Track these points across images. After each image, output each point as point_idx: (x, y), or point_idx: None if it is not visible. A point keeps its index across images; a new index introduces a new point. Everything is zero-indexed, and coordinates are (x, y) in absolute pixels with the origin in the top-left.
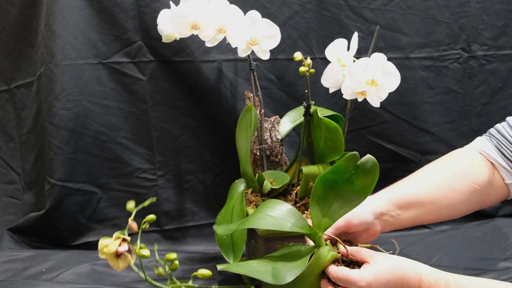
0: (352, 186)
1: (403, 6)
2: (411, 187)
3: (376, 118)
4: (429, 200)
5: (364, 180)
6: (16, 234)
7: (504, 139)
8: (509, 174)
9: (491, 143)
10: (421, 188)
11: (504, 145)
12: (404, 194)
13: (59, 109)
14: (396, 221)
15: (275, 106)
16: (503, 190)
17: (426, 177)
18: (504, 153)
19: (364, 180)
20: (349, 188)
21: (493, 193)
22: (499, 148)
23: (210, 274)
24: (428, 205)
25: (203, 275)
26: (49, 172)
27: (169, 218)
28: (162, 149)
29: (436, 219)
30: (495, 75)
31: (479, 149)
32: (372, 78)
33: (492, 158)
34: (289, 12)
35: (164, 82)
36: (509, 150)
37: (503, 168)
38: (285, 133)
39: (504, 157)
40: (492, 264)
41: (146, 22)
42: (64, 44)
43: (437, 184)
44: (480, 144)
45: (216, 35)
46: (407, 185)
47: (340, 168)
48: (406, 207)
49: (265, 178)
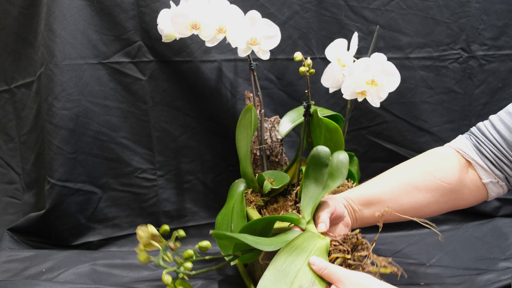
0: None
1: (403, 6)
2: (374, 186)
3: (376, 118)
4: (389, 198)
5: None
6: (16, 234)
7: (484, 137)
8: (486, 173)
9: (470, 142)
10: (383, 187)
11: (483, 143)
12: (365, 192)
13: (59, 109)
14: (360, 216)
15: (275, 106)
16: (480, 190)
17: (390, 176)
18: (482, 151)
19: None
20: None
21: (467, 192)
22: (477, 147)
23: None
24: (389, 202)
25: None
26: (49, 172)
27: (169, 218)
28: (162, 149)
29: (401, 218)
30: (495, 75)
31: (456, 147)
32: (372, 78)
33: (469, 156)
34: (289, 12)
35: (164, 82)
36: (488, 149)
37: (480, 167)
38: (285, 133)
39: (482, 155)
40: (492, 264)
41: (146, 22)
42: (64, 44)
43: (400, 182)
44: (458, 142)
45: (216, 35)
46: (371, 184)
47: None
48: (368, 205)
49: (265, 178)
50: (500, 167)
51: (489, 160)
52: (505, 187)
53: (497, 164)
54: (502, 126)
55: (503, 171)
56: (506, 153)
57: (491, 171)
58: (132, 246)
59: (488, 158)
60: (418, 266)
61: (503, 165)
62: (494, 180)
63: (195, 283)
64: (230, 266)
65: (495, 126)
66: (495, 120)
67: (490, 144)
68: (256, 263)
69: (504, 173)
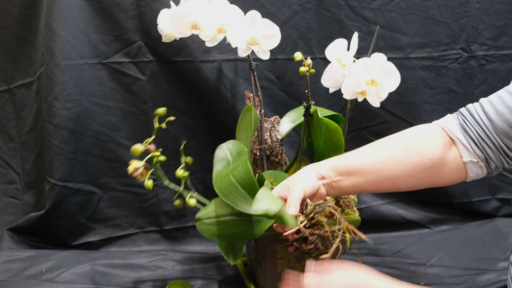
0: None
1: (403, 6)
2: (355, 157)
3: (376, 118)
4: (369, 169)
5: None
6: (16, 234)
7: (471, 117)
8: (467, 152)
9: (457, 121)
10: (364, 158)
11: (469, 123)
12: (346, 162)
13: (59, 109)
14: (338, 186)
15: (275, 106)
16: (459, 169)
17: (373, 148)
18: (467, 130)
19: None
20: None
21: (446, 170)
22: (463, 126)
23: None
24: (368, 174)
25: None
26: (49, 172)
27: (169, 218)
28: (162, 149)
29: (379, 189)
30: (495, 75)
31: (442, 125)
32: (372, 78)
33: (453, 134)
34: (289, 12)
35: (164, 82)
36: (474, 128)
37: (462, 145)
38: (285, 133)
39: (466, 134)
40: (492, 264)
41: (146, 22)
42: (64, 44)
43: (381, 155)
44: (445, 121)
45: (216, 35)
46: (352, 155)
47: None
48: (346, 174)
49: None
50: (482, 147)
51: (472, 140)
52: (484, 169)
53: (479, 144)
54: (491, 108)
55: (484, 152)
56: (490, 135)
57: (472, 151)
58: (132, 246)
59: (471, 137)
60: (418, 266)
61: (485, 145)
62: (474, 160)
63: (195, 283)
64: (230, 266)
65: (483, 107)
66: (485, 103)
67: (476, 124)
68: (255, 262)
69: (485, 154)
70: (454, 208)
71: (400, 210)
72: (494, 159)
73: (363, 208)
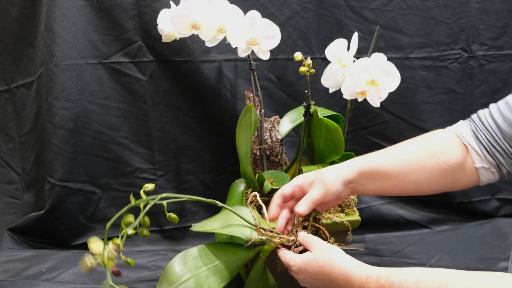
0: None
1: (403, 6)
2: (381, 159)
3: (376, 118)
4: (396, 174)
5: None
6: (16, 234)
7: (481, 124)
8: (479, 158)
9: (469, 127)
10: (390, 161)
11: (480, 130)
12: (373, 165)
13: (59, 109)
14: (362, 189)
15: (275, 106)
16: (473, 174)
17: (398, 151)
18: (479, 137)
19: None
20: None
21: (463, 176)
22: (475, 132)
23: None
24: (394, 178)
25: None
26: (49, 172)
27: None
28: (162, 149)
29: (401, 193)
30: (495, 75)
31: (456, 132)
32: (372, 78)
33: (466, 141)
34: (289, 12)
35: (164, 82)
36: (484, 135)
37: (475, 152)
38: (285, 133)
39: (478, 141)
40: (492, 264)
41: (146, 22)
42: (64, 44)
43: (407, 159)
44: (458, 127)
45: (216, 35)
46: (379, 157)
47: None
48: (373, 178)
49: (265, 178)
50: (493, 154)
51: (484, 146)
52: (496, 174)
53: (490, 151)
54: (499, 115)
55: (495, 158)
56: (500, 141)
57: (484, 157)
58: (132, 246)
59: (483, 144)
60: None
61: (496, 152)
62: (486, 166)
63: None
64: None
65: (492, 114)
66: (493, 109)
67: (486, 131)
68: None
69: (496, 160)
70: (454, 208)
71: (400, 210)
72: (505, 164)
73: (363, 208)
